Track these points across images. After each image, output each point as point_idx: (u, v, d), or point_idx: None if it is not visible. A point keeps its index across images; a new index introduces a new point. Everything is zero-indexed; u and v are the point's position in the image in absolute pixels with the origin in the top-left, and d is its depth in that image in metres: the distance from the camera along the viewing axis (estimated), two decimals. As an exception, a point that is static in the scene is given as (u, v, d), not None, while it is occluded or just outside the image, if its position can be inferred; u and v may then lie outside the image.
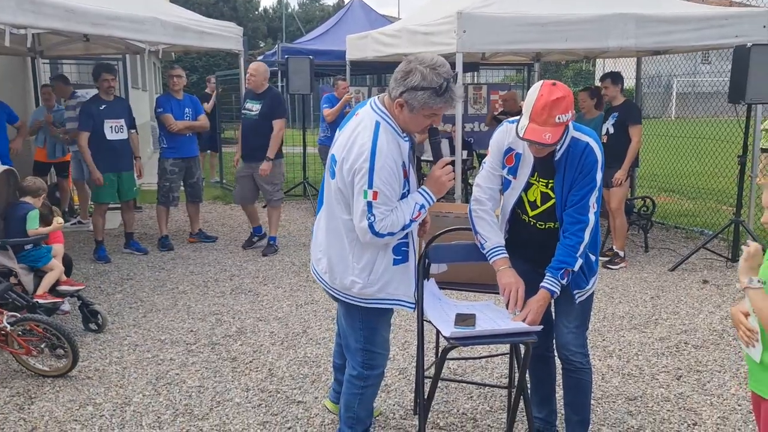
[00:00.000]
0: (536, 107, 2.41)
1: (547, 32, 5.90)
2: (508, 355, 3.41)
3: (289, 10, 39.60)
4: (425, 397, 2.81)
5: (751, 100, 5.65)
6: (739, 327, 2.08)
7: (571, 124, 2.55)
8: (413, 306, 2.66)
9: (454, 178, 2.54)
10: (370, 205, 2.36)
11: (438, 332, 3.46)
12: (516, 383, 2.85)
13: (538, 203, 2.68)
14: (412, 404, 3.44)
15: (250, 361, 4.03)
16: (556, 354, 2.91)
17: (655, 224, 7.26)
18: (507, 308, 2.63)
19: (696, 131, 9.71)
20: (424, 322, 2.79)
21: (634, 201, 6.88)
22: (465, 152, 8.04)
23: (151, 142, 14.33)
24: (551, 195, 2.64)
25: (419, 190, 2.53)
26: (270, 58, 12.94)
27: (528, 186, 2.68)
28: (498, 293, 2.72)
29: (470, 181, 9.42)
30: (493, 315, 2.69)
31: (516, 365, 2.93)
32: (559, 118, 2.40)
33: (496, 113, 8.93)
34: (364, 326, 2.66)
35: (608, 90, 6.16)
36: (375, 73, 14.04)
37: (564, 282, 2.59)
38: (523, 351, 2.66)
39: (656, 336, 4.40)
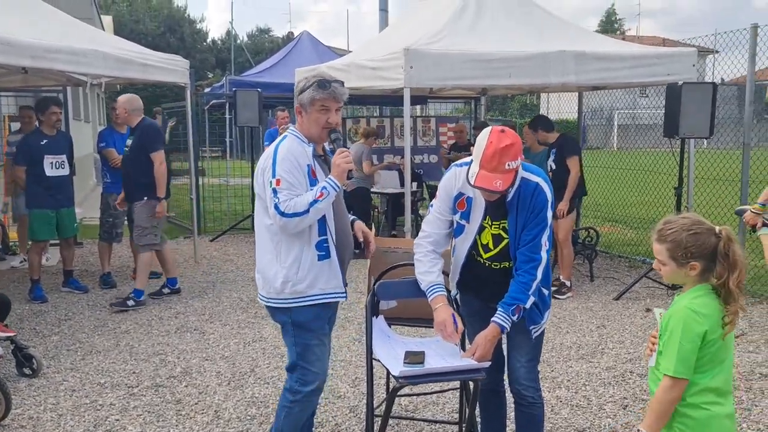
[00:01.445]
0: (486, 155, 2.45)
1: (491, 68, 6.06)
2: (458, 390, 3.40)
3: (238, 41, 39.53)
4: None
5: (684, 135, 5.91)
6: (649, 339, 2.23)
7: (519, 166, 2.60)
8: (344, 295, 2.83)
9: (350, 161, 2.73)
10: (275, 191, 2.65)
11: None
12: (467, 420, 2.84)
13: (491, 246, 2.71)
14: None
15: (196, 403, 3.90)
16: (507, 389, 2.91)
17: (599, 253, 7.45)
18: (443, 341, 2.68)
19: (636, 163, 10.07)
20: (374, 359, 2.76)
21: (579, 231, 7.05)
22: (414, 184, 8.12)
23: (93, 175, 13.96)
24: (504, 236, 2.67)
25: (326, 178, 2.75)
26: (218, 90, 12.85)
27: (481, 229, 2.71)
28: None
29: (420, 212, 9.51)
30: (443, 351, 2.68)
31: (466, 401, 2.92)
32: (508, 165, 2.45)
33: (447, 149, 9.04)
34: (297, 342, 2.80)
35: (528, 137, 6.44)
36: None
37: (515, 318, 2.61)
38: (472, 387, 2.65)
39: (603, 366, 4.47)
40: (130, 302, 5.78)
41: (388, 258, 3.29)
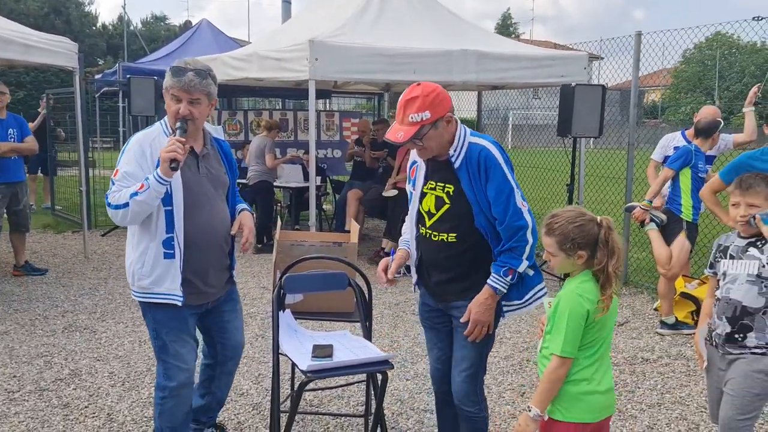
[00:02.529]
0: (398, 107, 2.45)
1: (396, 64, 6.11)
2: (364, 383, 3.40)
3: (131, 27, 37.56)
4: (281, 433, 2.70)
5: (576, 134, 6.22)
6: (538, 324, 2.38)
7: (467, 131, 2.52)
8: (181, 299, 2.70)
9: (179, 151, 2.51)
10: (112, 181, 2.64)
11: (293, 364, 3.39)
12: (373, 412, 2.83)
13: (433, 210, 2.57)
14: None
15: (86, 407, 3.66)
16: None
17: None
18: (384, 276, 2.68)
19: (530, 161, 10.51)
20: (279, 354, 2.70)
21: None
22: (318, 178, 8.06)
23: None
24: (446, 200, 2.53)
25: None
26: (110, 77, 12.16)
27: (422, 195, 2.61)
28: (352, 321, 2.71)
29: (324, 207, 9.45)
30: (350, 344, 2.67)
31: (374, 393, 2.92)
32: (412, 117, 2.38)
33: (350, 143, 9.02)
34: (156, 336, 2.79)
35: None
36: (224, 96, 13.67)
37: (508, 280, 2.48)
38: (380, 379, 2.65)
39: (501, 355, 4.62)
40: None
41: (294, 251, 3.23)
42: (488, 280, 2.50)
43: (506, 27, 51.49)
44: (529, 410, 2.20)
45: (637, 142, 6.44)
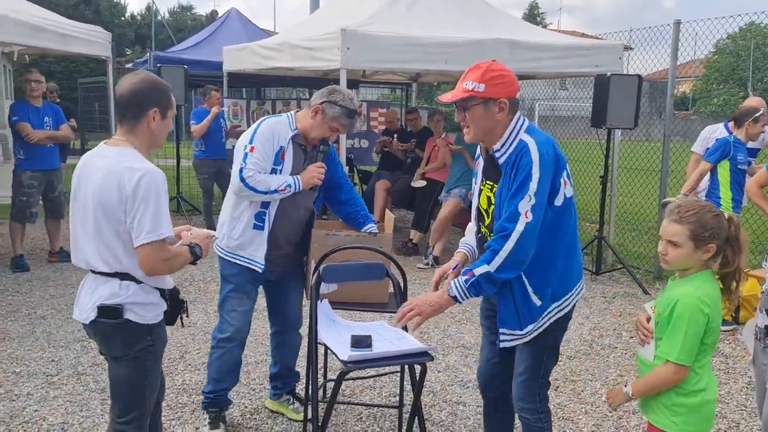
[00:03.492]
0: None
1: (428, 53, 6.05)
2: (398, 374, 3.39)
3: (159, 17, 37.88)
4: (319, 423, 2.70)
5: (611, 125, 6.12)
6: (639, 328, 2.21)
7: (524, 126, 2.33)
8: (262, 267, 3.06)
9: (321, 179, 3.08)
10: (246, 155, 2.94)
11: (326, 354, 3.40)
12: (410, 403, 2.82)
13: (487, 207, 2.42)
14: (301, 429, 3.31)
15: (122, 392, 3.70)
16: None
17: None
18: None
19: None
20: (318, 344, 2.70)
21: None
22: (346, 168, 8.04)
23: (0, 152, 13.02)
24: (493, 201, 2.38)
25: (294, 176, 3.02)
26: (140, 66, 12.27)
27: (479, 192, 2.48)
28: (386, 312, 2.70)
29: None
30: (388, 335, 2.65)
31: (411, 385, 2.90)
32: (466, 84, 2.29)
33: (379, 133, 8.98)
34: (221, 290, 3.19)
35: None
36: (253, 86, 13.73)
37: (463, 284, 2.26)
38: (419, 371, 2.63)
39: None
40: None
41: (329, 241, 3.22)
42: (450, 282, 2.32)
43: (533, 17, 50.86)
44: (626, 385, 2.17)
45: (671, 134, 6.31)
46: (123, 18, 41.88)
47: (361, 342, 2.47)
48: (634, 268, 6.66)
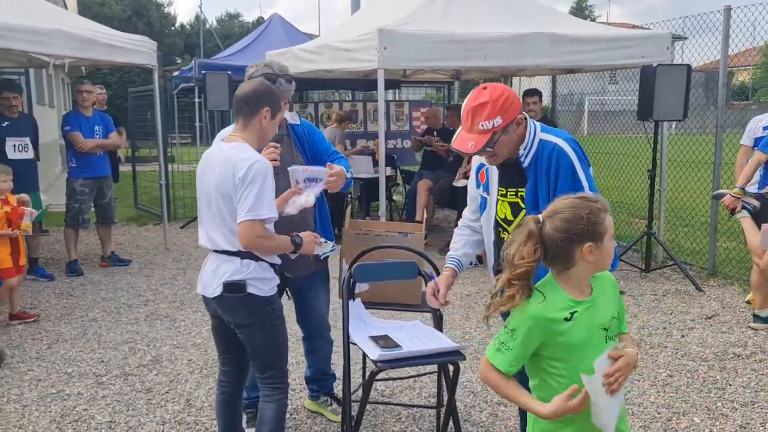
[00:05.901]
0: (463, 114, 2.32)
1: (467, 50, 5.98)
2: (435, 374, 3.36)
3: (207, 26, 38.80)
4: (352, 422, 2.70)
5: (658, 118, 5.91)
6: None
7: (537, 126, 2.38)
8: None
9: (275, 158, 2.77)
10: None
11: (365, 354, 3.38)
12: (445, 404, 2.79)
13: (509, 216, 2.45)
14: (339, 429, 3.32)
15: (167, 392, 3.79)
16: None
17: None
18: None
19: (606, 147, 10.11)
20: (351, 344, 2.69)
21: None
22: (388, 168, 8.03)
23: (59, 161, 13.58)
24: (522, 205, 2.42)
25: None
26: (187, 73, 12.56)
27: (496, 203, 2.50)
28: (421, 312, 2.66)
29: (394, 198, 9.43)
30: (421, 334, 2.62)
31: (445, 384, 2.87)
32: (482, 125, 2.24)
33: (420, 132, 8.95)
34: None
35: (536, 105, 6.39)
36: (296, 89, 13.88)
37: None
38: (452, 370, 2.60)
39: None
40: None
41: (359, 241, 3.22)
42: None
43: (581, 10, 49.83)
44: None
45: (724, 125, 6.06)
46: (173, 28, 43.07)
47: (385, 342, 2.45)
48: (687, 265, 6.43)
